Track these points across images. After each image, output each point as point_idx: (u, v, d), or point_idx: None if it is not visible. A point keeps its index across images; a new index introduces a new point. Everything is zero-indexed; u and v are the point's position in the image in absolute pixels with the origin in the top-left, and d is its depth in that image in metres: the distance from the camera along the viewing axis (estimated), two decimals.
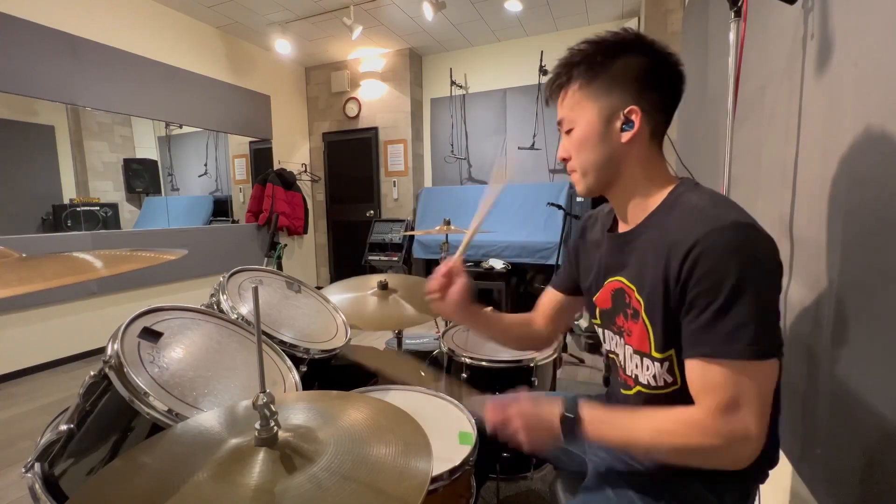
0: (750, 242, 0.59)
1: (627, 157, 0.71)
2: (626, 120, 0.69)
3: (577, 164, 0.75)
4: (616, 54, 0.69)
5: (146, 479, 0.51)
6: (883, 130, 0.64)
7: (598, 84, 0.70)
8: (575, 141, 0.73)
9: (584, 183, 0.76)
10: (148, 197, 3.74)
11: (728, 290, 0.58)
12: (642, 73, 0.68)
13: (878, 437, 0.63)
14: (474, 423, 0.93)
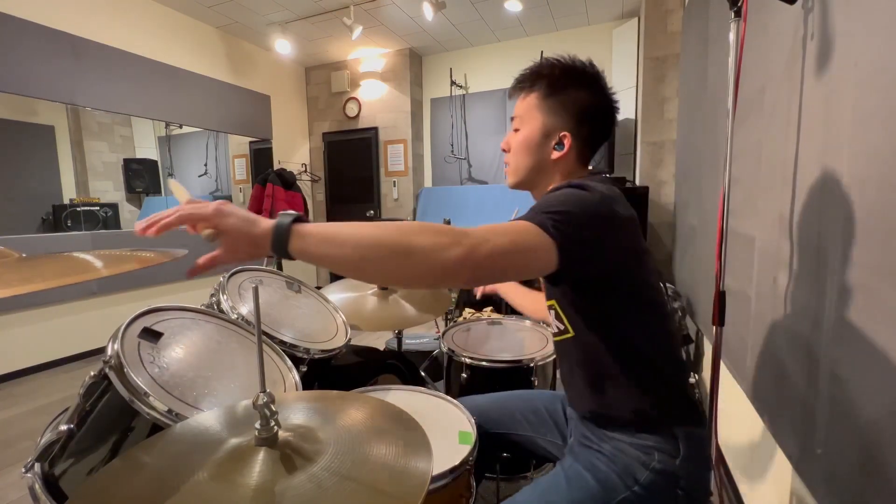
0: (585, 195, 0.68)
1: (552, 170, 0.84)
2: (559, 141, 0.82)
3: (513, 161, 0.87)
4: (573, 83, 0.81)
5: (146, 479, 0.51)
6: (883, 130, 0.64)
7: (550, 102, 0.82)
8: (517, 141, 0.85)
9: (512, 178, 0.88)
10: (148, 197, 3.74)
11: (550, 201, 0.66)
12: (586, 108, 0.81)
13: (878, 437, 0.63)
14: (474, 423, 0.93)
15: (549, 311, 0.84)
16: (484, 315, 2.73)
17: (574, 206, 0.66)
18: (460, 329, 1.57)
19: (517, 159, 0.86)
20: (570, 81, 0.81)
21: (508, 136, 0.89)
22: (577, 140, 0.82)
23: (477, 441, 0.87)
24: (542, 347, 1.38)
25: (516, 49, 4.37)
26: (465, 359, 1.31)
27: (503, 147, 0.90)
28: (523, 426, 0.98)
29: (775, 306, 1.04)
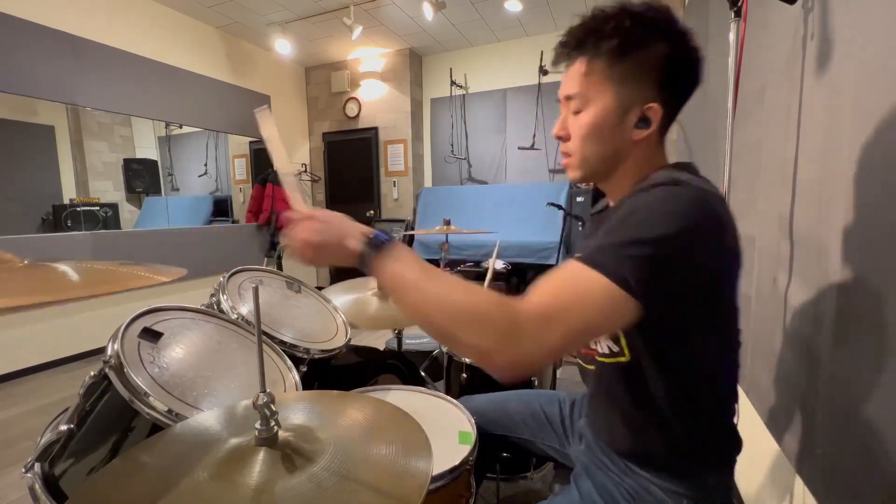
0: (686, 198, 0.54)
1: (632, 154, 0.66)
2: (642, 116, 0.63)
3: (577, 151, 0.68)
4: (651, 35, 0.61)
5: (146, 478, 0.51)
6: (883, 130, 0.64)
7: (625, 68, 0.61)
8: (583, 126, 0.65)
9: (579, 172, 0.69)
10: (148, 197, 3.74)
11: (639, 214, 0.54)
12: (671, 64, 0.61)
13: (878, 437, 0.63)
14: (474, 423, 0.93)
15: None
16: None
17: (666, 225, 0.52)
18: None
19: (585, 149, 0.66)
20: (647, 33, 0.60)
21: (564, 119, 0.69)
22: (666, 109, 0.63)
23: (477, 441, 0.87)
24: None
25: (516, 49, 4.37)
26: (465, 359, 1.31)
27: (559, 134, 0.70)
28: (521, 429, 0.96)
29: (775, 306, 1.04)
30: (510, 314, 0.51)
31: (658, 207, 0.54)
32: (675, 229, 0.52)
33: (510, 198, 4.22)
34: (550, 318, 0.51)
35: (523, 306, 0.52)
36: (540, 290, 0.53)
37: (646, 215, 0.54)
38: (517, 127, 4.42)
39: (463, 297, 0.54)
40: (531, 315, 0.51)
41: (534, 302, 0.52)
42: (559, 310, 0.52)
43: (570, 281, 0.53)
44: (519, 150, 4.27)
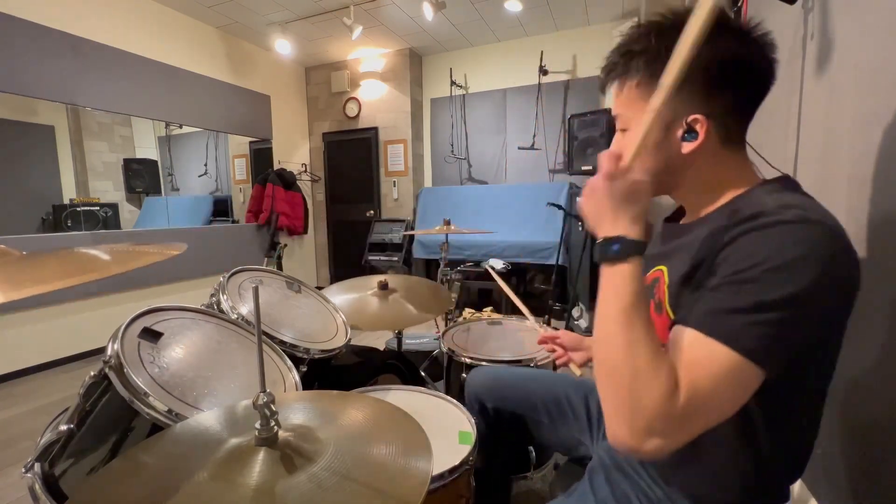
0: (815, 237, 0.48)
1: (691, 166, 0.62)
2: (688, 128, 0.60)
3: None
4: None
5: (146, 479, 0.51)
6: (883, 130, 0.64)
7: (657, 83, 0.58)
8: (629, 145, 0.62)
9: None
10: (148, 197, 3.74)
11: (762, 266, 0.47)
12: (714, 70, 0.57)
13: (878, 437, 0.63)
14: (474, 424, 0.93)
15: None
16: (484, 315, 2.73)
17: (797, 280, 0.46)
18: (460, 329, 1.57)
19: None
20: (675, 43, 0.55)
21: (617, 139, 0.68)
22: (716, 118, 0.59)
23: (477, 440, 0.87)
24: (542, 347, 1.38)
25: (516, 49, 4.37)
26: (465, 359, 1.31)
27: (615, 154, 0.65)
28: (540, 412, 0.93)
29: None
30: (658, 411, 0.47)
31: (783, 256, 0.47)
32: (807, 282, 0.46)
33: (510, 198, 4.22)
34: (690, 418, 0.48)
35: (669, 405, 0.47)
36: (692, 378, 0.48)
37: (769, 269, 0.47)
38: (517, 127, 4.42)
39: (634, 360, 0.50)
40: (674, 417, 0.47)
41: (678, 401, 0.48)
42: (698, 406, 0.48)
43: (701, 364, 0.48)
44: (519, 150, 4.27)
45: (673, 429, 0.47)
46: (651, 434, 0.47)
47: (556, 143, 4.26)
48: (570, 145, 3.54)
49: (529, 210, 4.04)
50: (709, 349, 0.48)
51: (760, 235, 0.50)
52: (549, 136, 4.26)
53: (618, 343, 0.51)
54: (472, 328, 1.59)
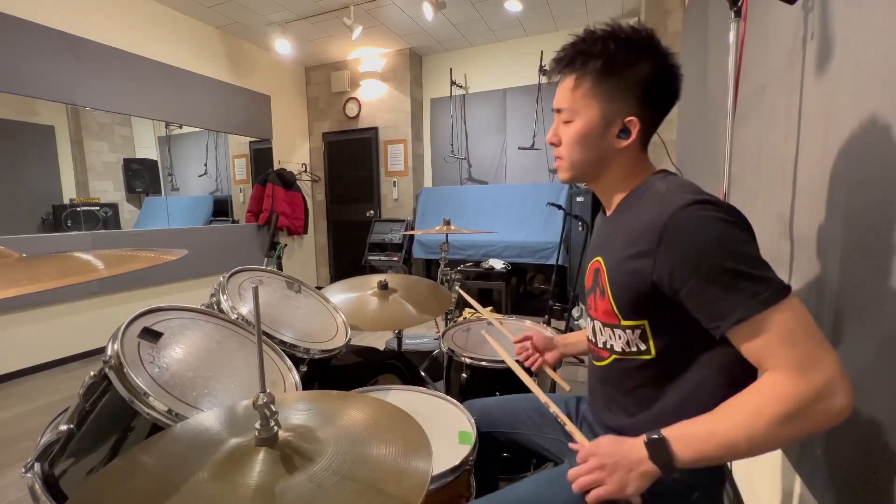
0: (706, 212, 0.61)
1: (616, 159, 0.75)
2: (624, 128, 0.72)
3: (566, 156, 0.77)
4: (633, 57, 0.70)
5: (146, 479, 0.51)
6: (883, 130, 0.64)
7: (609, 85, 0.71)
8: (571, 135, 0.75)
9: (568, 173, 0.79)
10: (148, 197, 3.74)
11: (712, 258, 0.59)
12: (650, 83, 0.70)
13: (878, 437, 0.63)
14: (474, 423, 0.93)
15: (626, 331, 0.73)
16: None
17: (751, 243, 0.61)
18: (460, 329, 1.57)
19: (572, 154, 0.76)
20: (630, 55, 0.69)
21: (556, 127, 0.78)
22: (644, 123, 0.72)
23: (477, 441, 0.87)
24: None
25: (516, 49, 4.37)
26: (465, 359, 1.31)
27: (551, 140, 0.79)
28: (526, 425, 0.97)
29: None
30: (804, 385, 0.55)
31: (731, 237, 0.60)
32: (746, 238, 0.61)
33: (510, 198, 4.22)
34: (815, 347, 0.56)
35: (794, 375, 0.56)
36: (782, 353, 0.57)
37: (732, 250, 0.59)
38: (517, 127, 4.42)
39: (768, 413, 0.56)
40: (810, 373, 0.55)
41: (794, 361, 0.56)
42: (812, 347, 0.56)
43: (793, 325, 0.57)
44: (519, 150, 4.27)
45: (831, 385, 0.54)
46: (834, 397, 0.54)
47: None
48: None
49: (529, 210, 4.04)
50: (788, 311, 0.57)
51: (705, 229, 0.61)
52: None
53: (758, 443, 0.57)
54: (472, 328, 1.59)
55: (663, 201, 0.66)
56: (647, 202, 0.70)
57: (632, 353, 0.73)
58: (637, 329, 0.71)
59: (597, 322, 0.79)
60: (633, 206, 0.73)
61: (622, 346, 0.74)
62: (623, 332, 0.73)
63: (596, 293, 0.78)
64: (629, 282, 0.69)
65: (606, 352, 0.78)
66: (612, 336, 0.76)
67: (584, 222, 3.09)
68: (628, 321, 0.72)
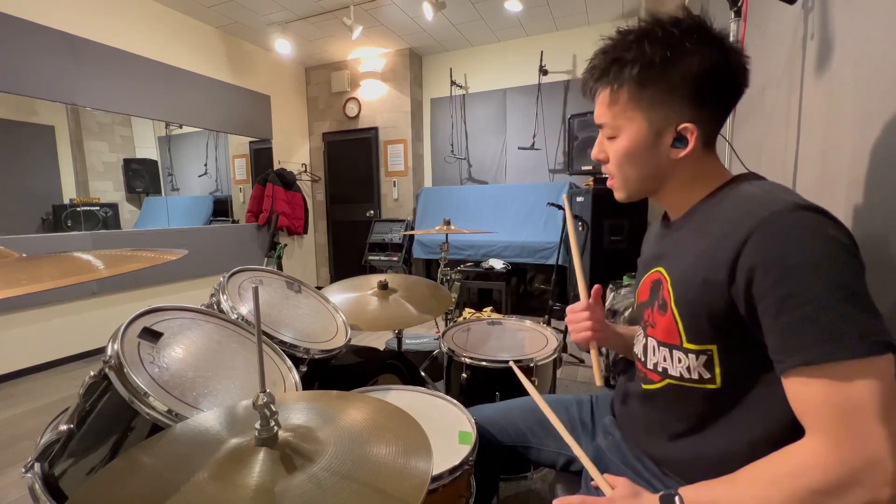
0: (815, 223, 0.51)
1: (675, 171, 0.65)
2: (678, 136, 0.62)
3: (617, 174, 0.69)
4: (676, 55, 0.59)
5: (146, 479, 0.51)
6: (883, 130, 0.64)
7: (651, 93, 0.61)
8: (617, 152, 0.66)
9: (625, 191, 0.70)
10: (148, 197, 3.74)
11: (804, 278, 0.48)
12: (704, 80, 0.59)
13: None
14: (474, 423, 0.93)
15: (688, 356, 0.63)
16: (484, 315, 2.74)
17: (858, 275, 0.50)
18: (460, 329, 1.57)
19: (623, 172, 0.67)
20: (672, 54, 0.58)
21: (600, 142, 0.70)
22: (702, 125, 0.61)
23: (477, 441, 0.87)
24: (542, 347, 1.38)
25: (516, 49, 4.37)
26: (465, 359, 1.31)
27: (598, 158, 0.71)
28: (528, 437, 0.95)
29: None
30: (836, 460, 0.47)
31: (813, 242, 0.50)
32: (849, 263, 0.50)
33: (510, 198, 4.22)
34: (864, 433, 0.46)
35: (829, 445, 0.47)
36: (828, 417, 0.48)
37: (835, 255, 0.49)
38: (517, 127, 4.42)
39: (788, 487, 0.49)
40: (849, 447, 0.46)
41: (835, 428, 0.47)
42: (867, 420, 0.46)
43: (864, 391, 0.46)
44: (519, 150, 4.27)
45: (874, 468, 0.45)
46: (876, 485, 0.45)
47: (556, 143, 4.26)
48: (570, 145, 3.54)
49: (529, 210, 4.04)
50: (834, 378, 0.47)
51: (779, 232, 0.51)
52: (549, 136, 4.26)
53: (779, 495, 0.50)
54: (472, 328, 1.59)
55: (756, 203, 0.55)
56: (731, 205, 0.60)
57: (692, 380, 0.63)
58: (703, 355, 0.61)
59: (651, 339, 0.70)
60: (712, 210, 0.63)
61: (681, 371, 0.65)
62: (684, 356, 0.63)
63: (654, 307, 0.68)
64: (701, 295, 0.59)
65: (658, 375, 0.69)
66: (669, 358, 0.66)
67: (584, 222, 3.09)
68: (693, 344, 0.62)
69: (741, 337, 0.57)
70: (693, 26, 0.59)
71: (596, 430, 0.90)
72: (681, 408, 0.67)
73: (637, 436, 0.77)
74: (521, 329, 1.59)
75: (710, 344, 0.60)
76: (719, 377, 0.61)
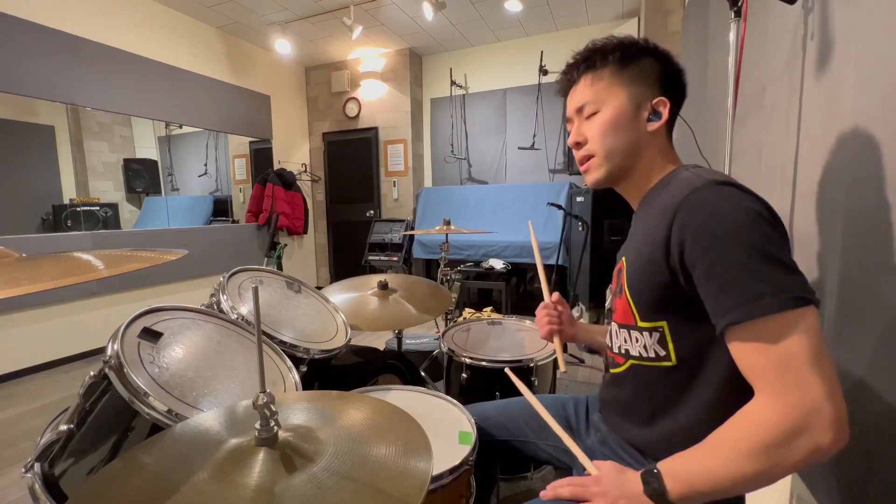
0: (730, 195, 0.57)
1: (649, 146, 0.73)
2: (653, 110, 0.72)
3: (600, 147, 0.74)
4: (643, 53, 0.73)
5: (146, 479, 0.51)
6: (883, 130, 0.64)
7: (630, 72, 0.72)
8: (600, 124, 0.73)
9: (604, 167, 0.75)
10: (148, 197, 3.74)
11: (723, 245, 0.54)
12: (663, 73, 0.72)
13: (878, 437, 0.63)
14: (474, 423, 0.93)
15: (643, 334, 0.68)
16: (484, 315, 2.74)
17: (774, 239, 0.54)
18: (460, 329, 1.57)
19: (605, 143, 0.73)
20: (640, 52, 0.72)
21: (577, 128, 0.77)
22: (673, 106, 0.72)
23: (477, 441, 0.87)
24: (542, 347, 1.38)
25: (516, 49, 4.37)
26: (465, 359, 1.31)
27: (575, 141, 0.77)
28: (525, 431, 0.96)
29: None
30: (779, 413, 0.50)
31: (728, 212, 0.56)
32: (764, 229, 0.54)
33: (510, 198, 4.22)
34: (801, 383, 0.50)
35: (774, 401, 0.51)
36: (769, 373, 0.52)
37: (750, 221, 0.55)
38: (517, 127, 4.42)
39: (746, 447, 0.52)
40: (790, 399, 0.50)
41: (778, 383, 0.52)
42: (803, 369, 0.50)
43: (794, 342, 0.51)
44: (519, 150, 4.27)
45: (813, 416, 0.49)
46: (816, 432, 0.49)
47: (556, 143, 4.26)
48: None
49: (529, 210, 4.04)
50: (764, 334, 0.52)
51: (699, 206, 0.58)
52: (549, 136, 4.26)
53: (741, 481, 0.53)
54: (472, 328, 1.59)
55: (684, 183, 0.62)
56: (667, 190, 0.66)
57: (650, 358, 0.68)
58: (655, 332, 0.66)
59: (614, 324, 0.76)
60: (656, 196, 0.70)
61: (639, 350, 0.70)
62: (640, 335, 0.69)
63: (616, 295, 0.74)
64: (646, 273, 0.65)
65: (622, 357, 0.74)
66: (629, 339, 0.71)
67: (584, 222, 3.09)
68: (646, 322, 0.67)
69: (687, 311, 0.62)
70: (645, 42, 0.74)
71: (589, 427, 0.92)
72: (645, 388, 0.72)
73: (618, 424, 0.80)
74: (521, 329, 1.59)
75: (660, 321, 0.66)
76: (673, 353, 0.66)
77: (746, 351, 0.54)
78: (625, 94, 0.72)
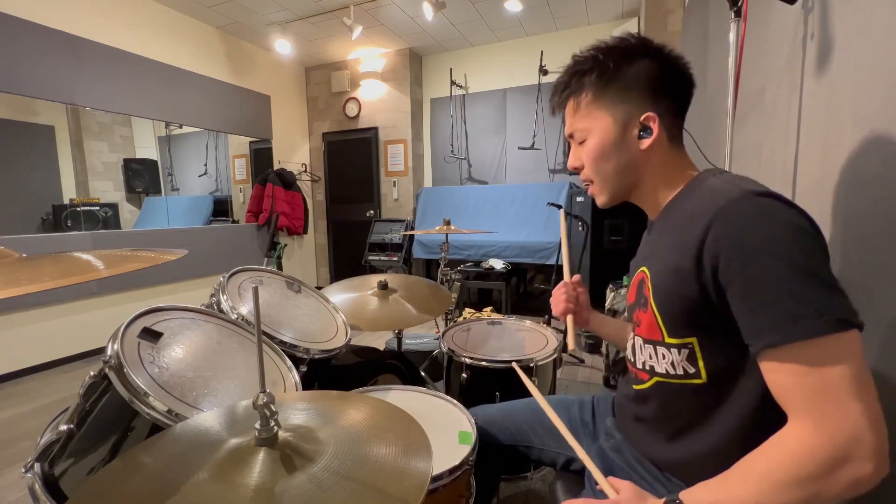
0: (770, 208, 0.53)
1: (648, 163, 0.70)
2: (643, 127, 0.67)
3: (595, 174, 0.73)
4: (627, 60, 0.67)
5: (146, 479, 0.51)
6: (883, 130, 0.64)
7: (611, 92, 0.68)
8: (590, 151, 0.71)
9: (606, 192, 0.73)
10: (148, 197, 3.74)
11: (763, 262, 0.50)
12: (655, 78, 0.67)
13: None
14: (474, 423, 0.93)
15: (671, 351, 0.64)
16: (484, 315, 2.74)
17: (817, 255, 0.50)
18: (460, 329, 1.57)
19: (599, 169, 0.71)
20: (622, 59, 0.67)
21: (574, 152, 0.75)
22: (663, 116, 0.67)
23: (477, 441, 0.87)
24: (542, 347, 1.38)
25: (516, 49, 4.37)
26: (465, 359, 1.31)
27: (574, 165, 0.76)
28: (530, 437, 0.95)
29: None
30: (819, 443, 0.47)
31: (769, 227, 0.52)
32: (807, 245, 0.51)
33: (510, 198, 4.22)
34: (855, 402, 0.46)
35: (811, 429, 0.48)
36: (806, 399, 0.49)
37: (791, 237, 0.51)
38: (517, 127, 4.42)
39: (779, 479, 0.48)
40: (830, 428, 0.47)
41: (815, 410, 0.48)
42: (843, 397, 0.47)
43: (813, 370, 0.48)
44: (519, 150, 4.27)
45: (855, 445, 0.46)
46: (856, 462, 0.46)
47: (556, 143, 4.26)
48: (570, 145, 3.53)
49: (529, 210, 4.04)
50: (802, 358, 0.48)
51: (736, 219, 0.53)
52: (549, 136, 4.26)
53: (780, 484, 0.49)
54: (472, 328, 1.59)
55: (716, 193, 0.58)
56: (695, 199, 0.63)
57: (678, 376, 0.64)
58: (684, 349, 0.62)
59: (637, 339, 0.72)
60: (681, 205, 0.66)
61: (666, 367, 0.66)
62: (667, 351, 0.65)
63: (640, 307, 0.71)
64: (674, 287, 0.61)
65: (646, 374, 0.70)
66: (654, 355, 0.67)
67: (584, 222, 3.09)
68: (674, 338, 0.63)
69: (719, 328, 0.58)
70: (639, 40, 0.69)
71: (597, 431, 0.90)
72: (672, 406, 0.68)
73: (636, 439, 0.77)
74: (521, 329, 1.58)
75: (690, 337, 0.62)
76: (704, 371, 0.62)
77: (782, 375, 0.50)
78: (608, 119, 0.69)
